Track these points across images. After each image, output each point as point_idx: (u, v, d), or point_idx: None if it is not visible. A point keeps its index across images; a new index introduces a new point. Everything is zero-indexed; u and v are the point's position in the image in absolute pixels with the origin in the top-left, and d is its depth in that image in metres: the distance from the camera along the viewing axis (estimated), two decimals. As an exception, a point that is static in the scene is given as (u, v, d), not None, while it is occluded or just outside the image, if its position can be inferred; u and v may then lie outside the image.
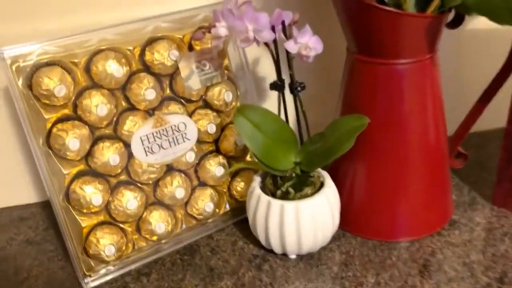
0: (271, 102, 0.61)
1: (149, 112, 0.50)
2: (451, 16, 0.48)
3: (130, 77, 0.49)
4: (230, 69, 0.55)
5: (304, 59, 0.47)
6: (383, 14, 0.43)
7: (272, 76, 0.50)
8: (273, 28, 0.45)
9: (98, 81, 0.47)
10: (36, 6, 0.53)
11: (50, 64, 0.46)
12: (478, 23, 0.62)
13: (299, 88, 0.48)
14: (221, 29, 0.44)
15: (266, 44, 0.46)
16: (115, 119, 0.49)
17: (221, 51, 0.53)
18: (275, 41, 0.46)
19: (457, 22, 0.49)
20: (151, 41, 0.50)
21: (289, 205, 0.46)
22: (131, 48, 0.49)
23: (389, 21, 0.43)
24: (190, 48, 0.52)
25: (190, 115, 0.52)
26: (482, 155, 0.65)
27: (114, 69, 0.47)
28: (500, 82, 0.52)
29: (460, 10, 0.46)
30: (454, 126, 0.55)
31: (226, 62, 0.54)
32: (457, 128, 0.55)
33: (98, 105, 0.47)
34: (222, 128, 0.54)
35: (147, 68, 0.50)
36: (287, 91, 0.49)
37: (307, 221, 0.47)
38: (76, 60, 0.47)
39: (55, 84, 0.45)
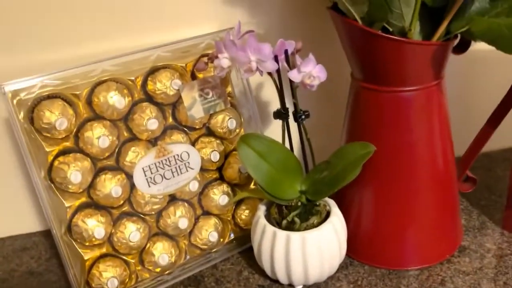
0: (275, 127, 0.60)
1: (152, 142, 0.49)
2: (457, 41, 0.48)
3: (132, 107, 0.49)
4: (234, 95, 0.54)
5: (308, 88, 0.46)
6: (388, 43, 0.42)
7: (276, 102, 0.49)
8: (276, 58, 0.44)
9: (100, 113, 0.47)
10: (36, 38, 0.53)
11: (51, 97, 0.45)
12: (484, 45, 0.61)
13: (303, 116, 0.48)
14: (224, 60, 0.43)
15: (269, 73, 0.46)
16: (117, 150, 0.48)
17: (224, 78, 0.52)
18: (278, 70, 0.45)
19: (463, 47, 0.49)
20: (154, 71, 0.49)
21: (295, 236, 0.45)
22: (133, 78, 0.49)
23: (394, 50, 0.43)
24: (193, 76, 0.51)
25: (193, 143, 0.52)
26: (491, 177, 0.64)
27: (116, 100, 0.47)
28: (508, 105, 0.51)
29: (466, 36, 0.45)
30: (462, 148, 0.54)
31: (229, 89, 0.54)
32: (465, 152, 0.54)
33: (100, 137, 0.46)
34: (225, 156, 0.54)
35: (149, 97, 0.49)
36: (291, 119, 0.48)
37: (313, 251, 0.46)
38: (77, 92, 0.47)
39: (56, 117, 0.44)
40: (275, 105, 0.48)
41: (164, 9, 0.55)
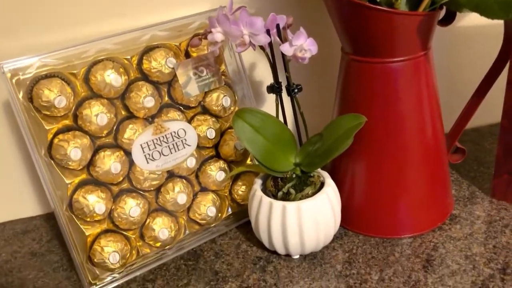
0: (269, 105, 0.61)
1: (149, 120, 0.50)
2: (442, 13, 0.49)
3: (129, 86, 0.50)
4: (227, 74, 0.56)
5: (300, 61, 0.47)
6: (376, 14, 0.44)
7: (269, 80, 0.50)
8: (268, 32, 0.46)
9: (97, 91, 0.48)
10: (33, 19, 0.54)
11: (49, 76, 0.46)
12: (470, 20, 0.63)
13: (296, 90, 0.49)
14: (217, 34, 0.45)
15: (262, 48, 0.47)
16: (115, 127, 0.49)
17: (217, 57, 0.54)
18: (270, 44, 0.46)
19: (448, 19, 0.50)
20: (148, 50, 0.51)
21: (290, 206, 0.47)
22: (128, 57, 0.50)
23: (381, 20, 0.44)
24: (187, 55, 0.53)
25: (189, 121, 0.53)
26: (479, 150, 0.66)
27: (112, 78, 0.48)
28: (493, 78, 0.53)
29: (451, 7, 0.47)
30: (451, 122, 0.56)
31: (223, 67, 0.55)
32: (454, 124, 0.56)
33: (98, 114, 0.47)
34: (221, 133, 0.55)
35: (145, 76, 0.51)
36: (284, 94, 0.50)
37: (309, 221, 0.47)
38: (75, 71, 0.48)
39: (55, 95, 0.45)
40: (268, 82, 0.50)
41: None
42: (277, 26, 0.46)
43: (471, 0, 0.40)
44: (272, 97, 0.50)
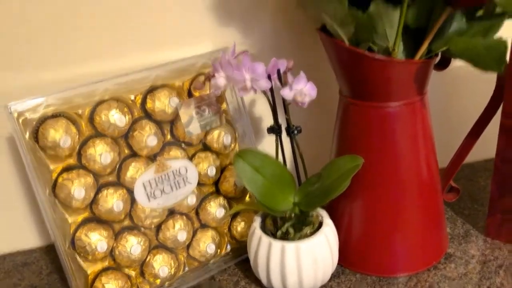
0: (268, 141, 0.62)
1: (151, 158, 0.51)
2: (438, 58, 0.51)
3: (132, 124, 0.51)
4: (228, 112, 0.57)
5: (299, 105, 0.49)
6: (374, 62, 0.45)
7: (268, 116, 0.52)
8: (269, 77, 0.47)
9: (102, 131, 0.49)
10: (39, 57, 0.55)
11: (55, 116, 0.47)
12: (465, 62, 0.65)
13: (295, 132, 0.50)
14: (221, 79, 0.46)
15: (263, 91, 0.48)
16: (118, 166, 0.50)
17: (219, 96, 0.55)
18: (271, 88, 0.48)
19: (444, 64, 0.52)
20: (152, 90, 0.52)
21: (289, 246, 0.48)
22: (133, 96, 0.51)
23: (379, 68, 0.46)
24: (190, 94, 0.54)
25: (191, 158, 0.54)
26: (474, 186, 0.67)
27: (117, 118, 0.49)
28: (486, 121, 0.55)
29: (446, 54, 0.49)
30: (446, 159, 0.57)
31: (224, 106, 0.56)
32: (448, 163, 0.57)
33: (102, 154, 0.48)
34: (221, 170, 0.56)
35: (148, 115, 0.52)
36: (284, 134, 0.51)
37: (307, 260, 0.48)
38: (80, 111, 0.49)
39: (60, 135, 0.46)
40: (268, 120, 0.51)
41: (162, 30, 0.57)
42: (278, 70, 0.48)
43: (465, 52, 0.41)
44: (272, 134, 0.51)
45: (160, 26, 0.57)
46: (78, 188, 0.47)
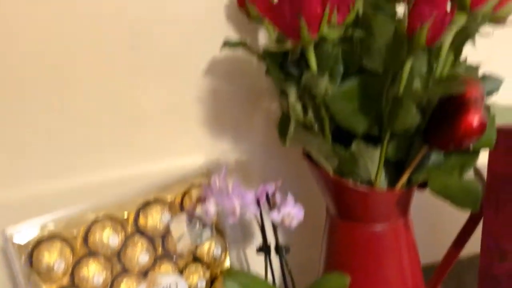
0: (258, 257, 0.63)
1: (143, 273, 0.53)
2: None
3: (125, 242, 0.52)
4: (219, 221, 0.59)
5: (287, 227, 0.51)
6: (357, 192, 0.47)
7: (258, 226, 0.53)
8: (258, 201, 0.49)
9: (95, 250, 0.50)
10: (28, 171, 0.56)
11: (50, 238, 0.49)
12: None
13: (284, 252, 0.52)
14: (211, 206, 0.48)
15: (252, 213, 0.50)
16: (110, 284, 0.51)
17: (210, 209, 0.57)
18: (260, 212, 0.50)
19: (425, 185, 0.54)
20: (145, 205, 0.54)
21: None
22: (126, 214, 0.53)
23: (362, 197, 0.48)
24: (181, 208, 0.56)
25: (182, 270, 0.55)
26: (459, 286, 0.68)
27: (110, 238, 0.50)
28: (469, 232, 0.57)
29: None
30: (433, 256, 0.59)
31: (215, 218, 0.58)
32: (433, 275, 0.59)
33: (95, 274, 0.49)
34: (211, 280, 0.57)
35: (141, 231, 0.53)
36: (273, 252, 0.52)
37: None
38: (75, 231, 0.50)
39: (54, 259, 0.48)
40: (258, 229, 0.52)
41: (155, 141, 0.59)
42: (267, 194, 0.50)
43: (442, 191, 0.43)
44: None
45: (153, 137, 0.59)
46: (70, 310, 0.48)
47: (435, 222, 0.71)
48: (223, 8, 0.56)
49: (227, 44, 0.49)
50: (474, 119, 0.39)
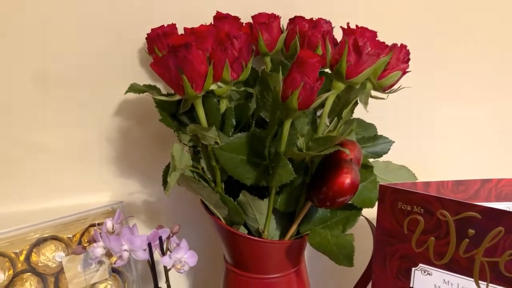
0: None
1: (29, 313, 0.51)
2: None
3: (13, 278, 0.51)
4: (114, 263, 0.58)
5: (178, 272, 0.51)
6: (247, 241, 0.48)
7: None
8: (149, 245, 0.49)
9: (-23, 287, 0.49)
10: None
11: None
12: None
13: (174, 296, 0.52)
14: (98, 249, 0.48)
15: (144, 257, 0.50)
16: (-9, 323, 0.50)
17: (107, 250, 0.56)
18: (151, 256, 0.50)
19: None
20: (40, 242, 0.53)
21: None
22: (17, 251, 0.52)
23: (253, 246, 0.49)
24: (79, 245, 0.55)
25: (74, 310, 0.54)
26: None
27: (-5, 276, 0.49)
28: (364, 284, 0.58)
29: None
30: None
31: (113, 258, 0.57)
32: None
33: (-27, 313, 0.48)
34: (105, 322, 0.56)
35: (32, 268, 0.52)
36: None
37: None
38: (-43, 267, 0.49)
39: None
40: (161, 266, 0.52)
41: (58, 177, 0.59)
42: (160, 238, 0.50)
43: (321, 246, 0.45)
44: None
45: (57, 173, 0.59)
46: None
47: (336, 273, 0.73)
48: (137, 51, 0.57)
49: (132, 88, 0.50)
50: (346, 180, 0.41)
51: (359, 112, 0.50)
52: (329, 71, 0.44)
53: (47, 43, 0.55)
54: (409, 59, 0.48)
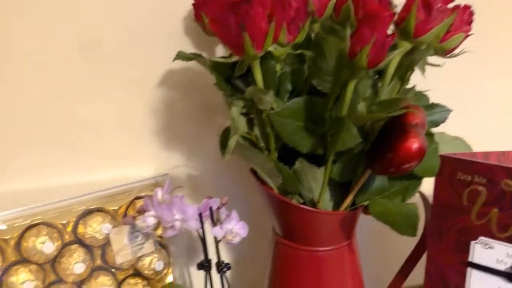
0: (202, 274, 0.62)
1: (77, 284, 0.51)
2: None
3: (61, 249, 0.50)
4: (164, 234, 0.57)
5: (229, 243, 0.49)
6: (300, 211, 0.47)
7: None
8: (200, 215, 0.48)
9: (27, 257, 0.48)
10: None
11: (-21, 241, 0.47)
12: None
13: (225, 269, 0.51)
14: (150, 218, 0.47)
15: (194, 228, 0.49)
16: (41, 293, 0.49)
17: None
18: (202, 226, 0.49)
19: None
20: (86, 214, 0.52)
21: None
22: (65, 222, 0.51)
23: (306, 218, 0.47)
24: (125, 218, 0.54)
25: (120, 283, 0.53)
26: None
27: (45, 245, 0.48)
28: (415, 260, 0.56)
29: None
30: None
31: (159, 231, 0.56)
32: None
33: (24, 282, 0.47)
34: (152, 295, 0.55)
35: (79, 240, 0.51)
36: (214, 270, 0.51)
37: None
38: (7, 237, 0.48)
39: (-19, 264, 0.46)
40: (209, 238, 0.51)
41: (104, 150, 0.58)
42: (210, 209, 0.49)
43: (382, 215, 0.43)
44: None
45: (102, 146, 0.58)
46: (-7, 319, 0.46)
47: (383, 250, 0.71)
48: (181, 20, 0.56)
49: (180, 56, 0.48)
50: (413, 144, 0.39)
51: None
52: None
53: (92, 14, 0.53)
54: (472, 21, 0.46)
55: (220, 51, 0.58)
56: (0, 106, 0.53)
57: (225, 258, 0.63)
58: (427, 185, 0.49)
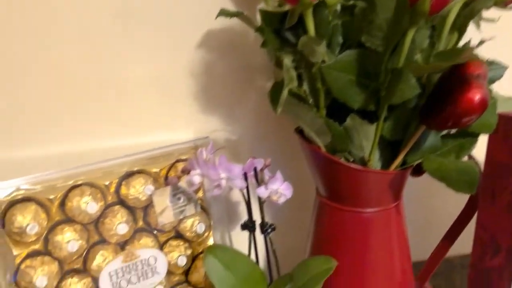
0: (243, 237, 0.62)
1: (121, 244, 0.50)
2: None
3: (104, 210, 0.50)
4: (204, 198, 0.56)
5: (274, 203, 0.48)
6: (349, 171, 0.45)
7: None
8: (245, 175, 0.47)
9: (72, 217, 0.48)
10: (17, 135, 0.54)
11: (24, 200, 0.46)
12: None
13: (269, 230, 0.50)
14: (195, 177, 0.46)
15: (239, 188, 0.48)
16: (85, 252, 0.49)
17: (195, 185, 0.55)
18: (247, 186, 0.48)
19: (420, 170, 0.52)
20: (128, 176, 0.51)
21: None
22: (107, 183, 0.51)
23: (354, 176, 0.46)
24: (166, 181, 0.53)
25: (162, 245, 0.53)
26: (449, 285, 0.66)
27: (88, 205, 0.48)
28: (463, 224, 0.55)
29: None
30: (423, 252, 0.57)
31: (200, 193, 0.56)
32: (423, 267, 0.57)
33: (69, 241, 0.47)
34: (193, 258, 0.55)
35: (121, 201, 0.51)
36: (258, 231, 0.50)
37: None
38: (51, 197, 0.48)
39: (28, 222, 0.45)
40: (245, 207, 0.50)
41: (143, 114, 0.58)
42: (255, 169, 0.48)
43: (438, 172, 0.42)
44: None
45: (141, 110, 0.57)
46: (41, 277, 0.46)
47: (429, 216, 0.69)
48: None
49: (223, 13, 0.47)
50: (476, 95, 0.37)
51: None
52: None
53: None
54: (534, -30, 0.43)
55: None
56: (41, 71, 0.53)
57: (268, 219, 0.62)
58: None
